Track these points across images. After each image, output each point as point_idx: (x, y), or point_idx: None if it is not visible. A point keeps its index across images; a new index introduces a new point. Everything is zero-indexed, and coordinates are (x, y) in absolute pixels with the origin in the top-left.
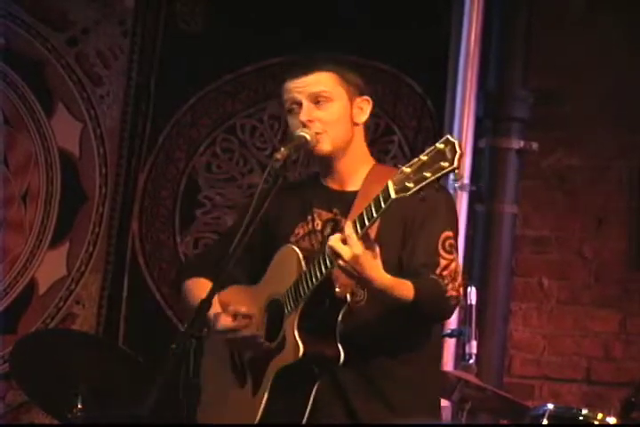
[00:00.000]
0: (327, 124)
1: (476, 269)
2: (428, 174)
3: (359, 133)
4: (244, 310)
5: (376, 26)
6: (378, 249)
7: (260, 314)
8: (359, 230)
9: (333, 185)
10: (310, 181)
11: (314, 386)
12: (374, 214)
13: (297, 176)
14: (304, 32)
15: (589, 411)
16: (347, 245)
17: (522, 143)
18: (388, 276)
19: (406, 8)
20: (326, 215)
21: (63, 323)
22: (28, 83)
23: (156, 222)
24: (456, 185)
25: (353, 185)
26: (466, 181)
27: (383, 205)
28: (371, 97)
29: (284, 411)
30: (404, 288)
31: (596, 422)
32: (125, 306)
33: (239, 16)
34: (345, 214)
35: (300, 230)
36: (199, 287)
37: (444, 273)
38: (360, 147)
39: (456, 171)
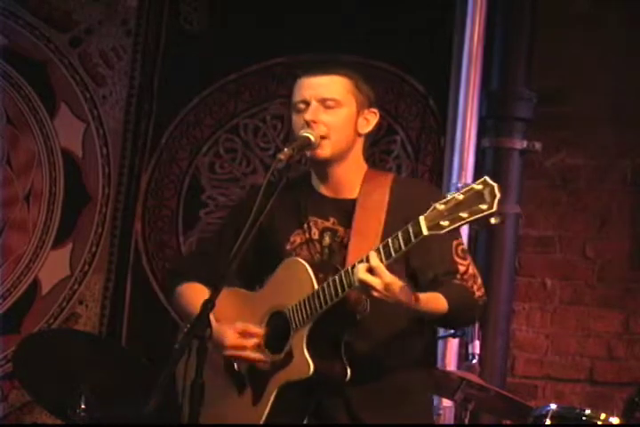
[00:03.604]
0: (331, 128)
1: (479, 269)
2: (464, 215)
3: (359, 143)
4: (253, 329)
5: (378, 25)
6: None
7: (260, 324)
8: (384, 260)
9: (328, 192)
10: (302, 185)
11: (318, 401)
12: (402, 247)
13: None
14: (306, 32)
15: (592, 411)
16: (375, 275)
17: (525, 143)
18: (419, 294)
19: (408, 7)
20: (322, 224)
21: (66, 323)
22: (30, 83)
23: (159, 223)
24: (459, 186)
25: (348, 193)
26: (468, 181)
27: (413, 239)
28: (378, 110)
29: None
30: (437, 301)
31: (600, 423)
32: (128, 306)
33: (242, 16)
34: (343, 223)
35: (295, 238)
36: (194, 293)
37: (465, 277)
38: (357, 156)
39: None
